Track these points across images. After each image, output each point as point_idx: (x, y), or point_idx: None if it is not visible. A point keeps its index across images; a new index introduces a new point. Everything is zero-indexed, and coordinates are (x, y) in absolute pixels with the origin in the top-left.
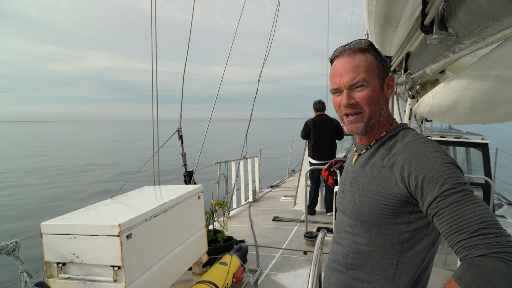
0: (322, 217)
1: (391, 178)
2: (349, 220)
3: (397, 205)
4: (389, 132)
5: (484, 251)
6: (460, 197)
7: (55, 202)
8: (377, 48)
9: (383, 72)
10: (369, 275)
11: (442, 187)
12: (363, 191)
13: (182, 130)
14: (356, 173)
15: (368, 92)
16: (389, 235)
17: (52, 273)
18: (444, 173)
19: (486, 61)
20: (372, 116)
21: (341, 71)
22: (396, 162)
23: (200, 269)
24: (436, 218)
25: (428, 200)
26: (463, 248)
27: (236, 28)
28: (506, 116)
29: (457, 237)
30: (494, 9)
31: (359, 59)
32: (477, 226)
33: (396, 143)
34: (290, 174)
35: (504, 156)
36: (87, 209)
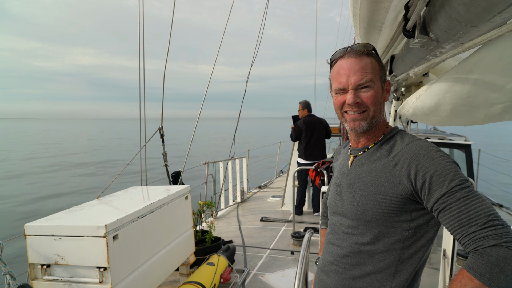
0: (309, 217)
1: (394, 176)
2: (349, 221)
3: (401, 203)
4: (386, 134)
5: (496, 241)
6: (467, 192)
7: (39, 203)
8: None
9: (384, 76)
10: (369, 273)
11: (451, 183)
12: (365, 191)
13: (163, 129)
14: (355, 175)
15: (374, 92)
16: (392, 233)
17: (36, 275)
18: (452, 171)
19: (465, 65)
20: (374, 116)
21: (348, 72)
22: (400, 161)
23: (187, 269)
24: (443, 213)
25: (435, 196)
26: (474, 239)
27: (225, 27)
28: (485, 119)
29: (467, 229)
30: (471, 15)
31: (366, 61)
32: (486, 218)
33: (396, 144)
34: (278, 175)
35: (487, 157)
36: (72, 210)
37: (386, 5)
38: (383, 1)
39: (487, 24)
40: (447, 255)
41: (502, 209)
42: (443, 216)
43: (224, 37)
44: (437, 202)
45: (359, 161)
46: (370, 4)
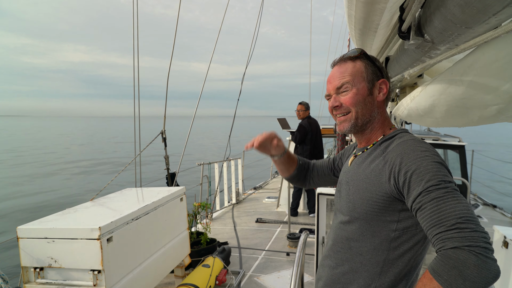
0: (304, 218)
1: (382, 175)
2: (343, 217)
3: (387, 202)
4: (387, 135)
5: (458, 244)
6: (443, 193)
7: (31, 205)
8: (370, 55)
9: (373, 76)
10: (356, 271)
11: (427, 183)
12: (356, 189)
13: (166, 133)
14: (352, 173)
15: (352, 94)
16: (378, 232)
17: (29, 278)
18: (431, 170)
19: (460, 67)
20: (359, 116)
21: (331, 79)
22: (388, 159)
23: (182, 271)
24: (419, 213)
25: (413, 195)
26: (439, 240)
27: (221, 26)
28: (479, 120)
29: (435, 230)
30: (466, 17)
31: (346, 66)
32: (454, 220)
33: (391, 144)
34: (273, 176)
35: (480, 158)
36: (66, 212)
37: (381, 6)
38: (378, 3)
39: (482, 25)
40: None
41: (496, 209)
42: (419, 216)
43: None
44: (414, 201)
45: (358, 160)
46: (365, 6)
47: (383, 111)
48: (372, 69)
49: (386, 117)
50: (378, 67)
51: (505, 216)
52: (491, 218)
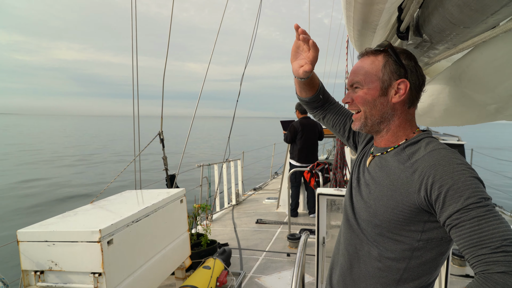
0: (305, 219)
1: (411, 184)
2: (360, 220)
3: (414, 212)
4: (410, 139)
5: (505, 269)
6: (484, 212)
7: (31, 208)
8: (400, 49)
9: (391, 75)
10: (373, 276)
11: (467, 200)
12: (379, 195)
13: (163, 134)
14: (374, 175)
15: (362, 93)
16: (401, 241)
17: (30, 281)
18: (470, 187)
19: (458, 67)
20: (368, 116)
21: (351, 72)
22: (418, 169)
23: (183, 273)
24: (455, 230)
25: (449, 211)
26: (483, 262)
27: (219, 26)
28: (478, 119)
29: (478, 251)
30: (464, 17)
31: (366, 61)
32: (499, 242)
33: (419, 150)
34: (273, 177)
35: (479, 157)
36: (66, 215)
37: (379, 7)
38: (377, 3)
39: (480, 25)
40: None
41: (496, 208)
42: (455, 232)
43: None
44: (450, 218)
45: (379, 162)
46: (364, 7)
47: (403, 113)
48: (393, 67)
49: (407, 120)
50: (403, 64)
51: (504, 215)
52: None
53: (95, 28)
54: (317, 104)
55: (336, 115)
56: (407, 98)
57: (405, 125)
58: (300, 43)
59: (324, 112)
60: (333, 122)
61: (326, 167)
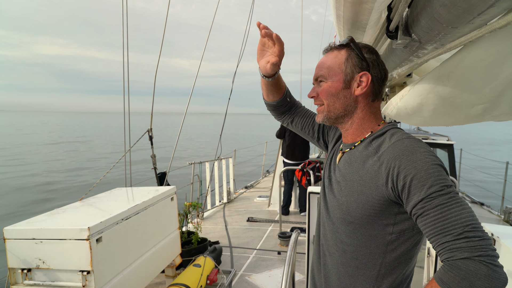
0: (296, 217)
1: (379, 177)
2: (335, 219)
3: (384, 205)
4: (376, 131)
5: (468, 254)
6: (447, 199)
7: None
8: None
9: (354, 68)
10: (352, 275)
11: (430, 189)
12: (350, 191)
13: (152, 131)
14: (343, 172)
15: (325, 86)
16: (374, 236)
17: (17, 279)
18: (433, 175)
19: (447, 66)
20: (331, 109)
21: (316, 67)
22: (384, 161)
23: (173, 271)
24: (421, 219)
25: (414, 201)
26: (447, 250)
27: (212, 23)
28: (466, 119)
29: (442, 239)
30: (452, 17)
31: (330, 56)
32: (462, 229)
33: (384, 142)
34: (264, 175)
35: (468, 157)
36: (54, 213)
37: (369, 6)
38: (366, 2)
39: (467, 25)
40: (431, 254)
41: (483, 207)
42: (420, 222)
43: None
44: (415, 207)
45: (348, 158)
46: (353, 6)
47: (366, 106)
48: (355, 60)
49: (371, 112)
50: (365, 58)
51: (492, 214)
52: (479, 216)
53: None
54: (285, 109)
55: (303, 117)
56: (370, 91)
57: (369, 118)
58: (265, 41)
59: (292, 115)
60: (302, 125)
61: (318, 166)
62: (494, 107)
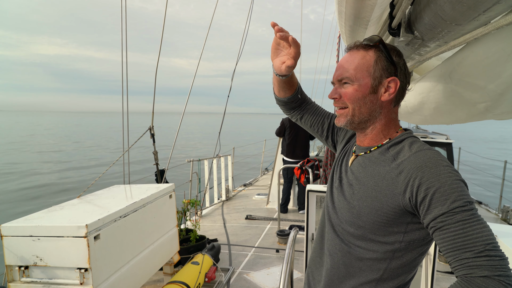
0: (294, 215)
1: (396, 185)
2: (343, 221)
3: (397, 214)
4: (393, 138)
5: (488, 273)
6: (469, 216)
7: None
8: (390, 46)
9: (382, 72)
10: (354, 275)
11: (453, 203)
12: (363, 195)
13: (154, 129)
14: (357, 175)
15: (351, 89)
16: (383, 242)
17: (14, 277)
18: (457, 190)
19: (449, 65)
20: (355, 114)
21: (339, 66)
22: (404, 170)
23: (171, 269)
24: (439, 232)
25: (434, 214)
26: (466, 266)
27: (210, 23)
28: (467, 118)
29: (461, 255)
30: (456, 14)
31: (356, 56)
32: (483, 247)
33: (403, 150)
34: (263, 173)
35: (467, 155)
36: (52, 210)
37: (371, 2)
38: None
39: (472, 22)
40: (430, 253)
41: (481, 206)
42: (438, 235)
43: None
44: (434, 220)
45: (362, 162)
46: (356, 2)
47: (389, 112)
48: (384, 64)
49: (392, 119)
50: (394, 62)
51: (490, 213)
52: None
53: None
54: (295, 104)
55: (313, 115)
56: (395, 97)
57: (389, 124)
58: (279, 40)
59: (302, 112)
60: (311, 122)
61: (316, 164)
62: (497, 105)
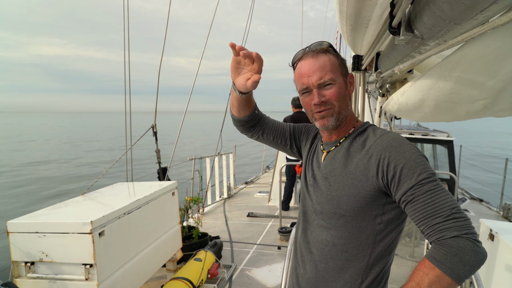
0: (296, 212)
1: (369, 169)
2: (324, 215)
3: (374, 196)
4: (357, 128)
5: (457, 233)
6: (434, 185)
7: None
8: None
9: (345, 70)
10: (342, 268)
11: (419, 176)
12: (340, 185)
13: (156, 127)
14: (330, 168)
15: (336, 88)
16: (364, 227)
17: (20, 272)
18: (421, 164)
19: (448, 62)
20: (341, 111)
21: (309, 72)
22: (374, 153)
23: (174, 265)
24: (410, 204)
25: (404, 188)
26: (437, 230)
27: (212, 21)
28: (467, 115)
29: (431, 221)
30: (454, 13)
31: (323, 59)
32: (449, 211)
33: (369, 137)
34: (264, 171)
35: (468, 153)
36: (57, 207)
37: (372, 2)
38: None
39: (470, 22)
40: None
41: (482, 203)
42: (410, 207)
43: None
44: (405, 194)
45: (334, 155)
46: (357, 2)
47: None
48: (342, 62)
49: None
50: (342, 59)
51: (491, 210)
52: (478, 212)
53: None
54: (255, 122)
55: (273, 128)
56: None
57: (352, 115)
58: (239, 59)
59: (262, 128)
60: (274, 135)
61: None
62: (495, 102)
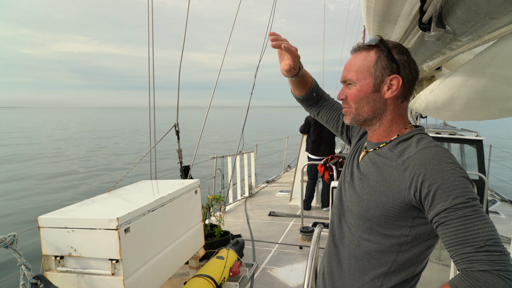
0: (317, 212)
1: (402, 181)
2: (352, 214)
3: (404, 208)
4: (401, 135)
5: (487, 267)
6: (471, 212)
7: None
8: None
9: (383, 71)
10: (363, 269)
11: (455, 199)
12: (372, 190)
13: (178, 126)
14: (366, 170)
15: (354, 90)
16: (390, 236)
17: (50, 266)
18: (459, 186)
19: (482, 59)
20: (360, 113)
21: (345, 68)
22: (409, 167)
23: (197, 263)
24: (441, 227)
25: (437, 209)
26: (466, 260)
27: (235, 17)
28: (500, 113)
29: (462, 249)
30: (491, 7)
31: (358, 57)
32: (483, 242)
33: (410, 147)
34: (285, 170)
35: (498, 153)
36: (84, 203)
37: None
38: None
39: (508, 16)
40: None
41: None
42: (441, 230)
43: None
44: (437, 215)
45: (372, 158)
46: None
47: (395, 108)
48: (385, 63)
49: (400, 115)
50: (396, 60)
51: None
52: (509, 214)
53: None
54: (311, 102)
55: (329, 110)
56: (400, 93)
57: (397, 120)
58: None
59: (318, 108)
60: (327, 118)
61: (340, 161)
62: None
